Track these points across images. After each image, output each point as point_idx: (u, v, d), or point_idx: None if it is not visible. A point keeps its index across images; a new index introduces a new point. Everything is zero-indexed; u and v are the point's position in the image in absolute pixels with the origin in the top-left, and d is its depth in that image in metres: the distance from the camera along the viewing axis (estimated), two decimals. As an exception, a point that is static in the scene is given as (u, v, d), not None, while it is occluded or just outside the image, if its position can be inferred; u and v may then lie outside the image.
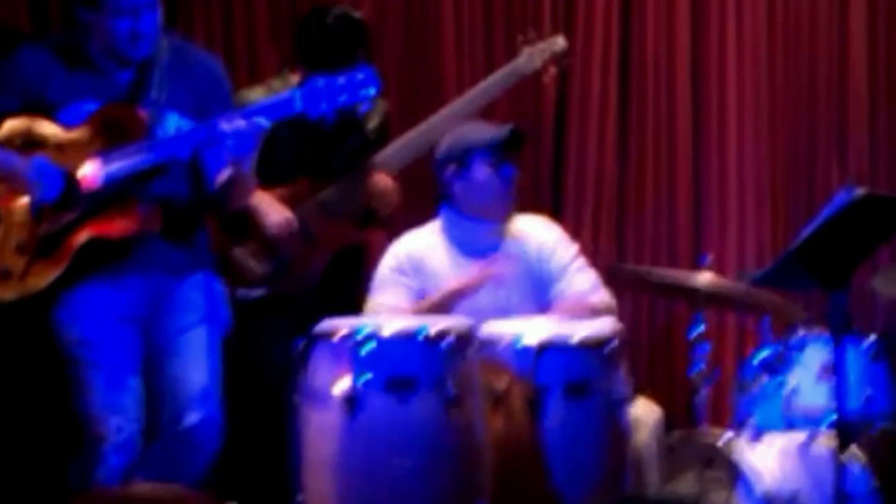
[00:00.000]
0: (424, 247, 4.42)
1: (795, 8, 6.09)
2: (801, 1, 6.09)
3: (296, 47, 4.69)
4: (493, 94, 4.83)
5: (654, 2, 5.90)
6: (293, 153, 4.54)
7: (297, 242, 4.49)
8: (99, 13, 3.74)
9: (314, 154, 4.58)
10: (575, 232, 4.69)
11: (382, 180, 4.59)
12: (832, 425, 4.23)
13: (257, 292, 4.35)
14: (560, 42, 4.85)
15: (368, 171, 4.59)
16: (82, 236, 3.73)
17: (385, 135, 4.77)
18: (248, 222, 4.42)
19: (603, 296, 4.39)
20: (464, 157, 4.40)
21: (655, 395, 4.87)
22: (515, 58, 4.84)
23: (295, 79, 4.59)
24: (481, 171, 4.38)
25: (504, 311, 4.23)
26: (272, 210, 4.44)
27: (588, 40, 5.81)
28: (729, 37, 5.98)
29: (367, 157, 4.63)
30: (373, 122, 4.69)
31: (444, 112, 4.72)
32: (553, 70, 4.89)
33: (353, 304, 4.46)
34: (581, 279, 4.40)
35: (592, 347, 3.84)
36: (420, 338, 3.65)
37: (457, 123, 4.65)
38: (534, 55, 4.80)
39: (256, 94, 4.39)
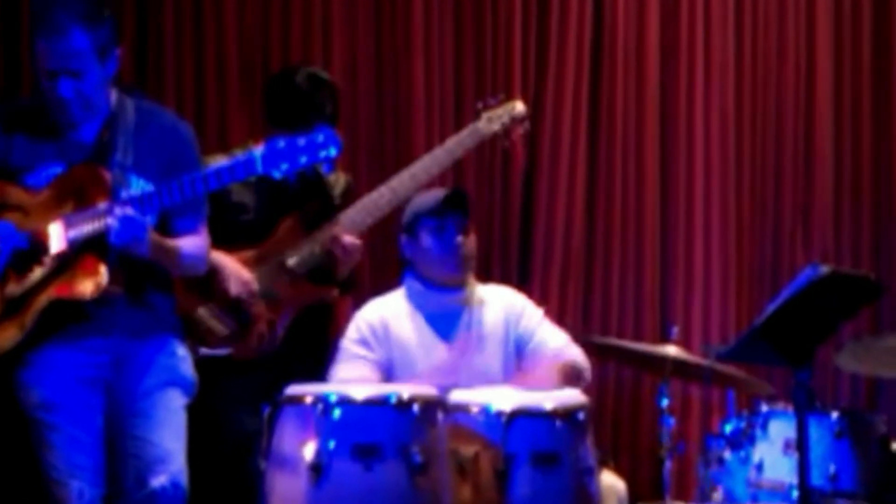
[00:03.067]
0: (389, 314, 4.41)
1: (763, 84, 6.18)
2: (769, 77, 6.18)
3: (264, 106, 4.71)
4: (454, 156, 4.84)
5: (624, 70, 5.97)
6: (257, 216, 4.54)
7: (259, 303, 4.47)
8: (42, 78, 3.75)
9: (277, 216, 4.57)
10: (542, 302, 4.68)
11: (346, 241, 4.59)
12: (795, 501, 4.24)
13: (220, 352, 4.32)
14: (518, 107, 4.88)
15: (332, 232, 4.59)
16: (46, 297, 3.71)
17: (349, 200, 4.78)
18: (212, 282, 4.41)
19: (579, 352, 4.39)
20: (412, 225, 4.45)
21: (619, 467, 4.87)
22: (475, 121, 4.87)
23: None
24: (426, 238, 4.41)
25: (481, 377, 4.23)
26: (233, 271, 4.43)
27: (557, 111, 5.87)
28: (697, 109, 6.05)
29: (329, 218, 4.64)
30: (338, 190, 4.69)
31: (403, 175, 4.73)
32: (513, 135, 4.91)
33: (318, 366, 4.44)
34: (555, 334, 4.41)
35: (562, 417, 3.83)
36: (388, 405, 3.63)
37: (416, 186, 4.68)
38: (493, 119, 4.83)
39: (217, 162, 4.38)
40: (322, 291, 4.61)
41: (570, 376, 4.25)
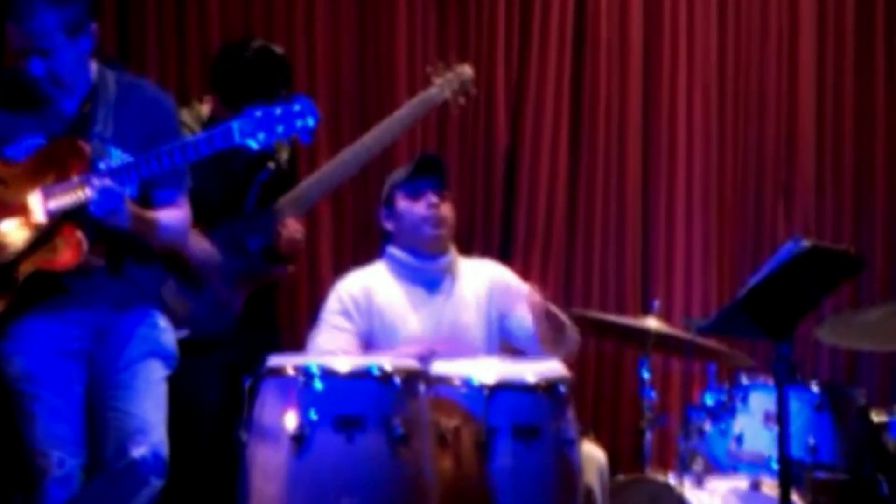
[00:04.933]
0: (371, 283, 4.41)
1: (746, 62, 6.20)
2: (751, 55, 6.19)
3: (212, 80, 4.62)
4: (406, 124, 4.85)
5: (607, 47, 5.97)
6: (205, 190, 4.51)
7: (219, 281, 4.47)
8: (16, 56, 3.75)
9: (226, 190, 4.56)
10: (523, 276, 4.69)
11: (289, 226, 4.59)
12: (775, 472, 4.26)
13: (181, 333, 4.30)
14: (467, 71, 4.88)
15: (278, 218, 4.59)
16: (27, 269, 3.71)
17: (295, 166, 4.77)
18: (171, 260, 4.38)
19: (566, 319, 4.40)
20: (388, 196, 4.47)
21: (600, 439, 4.88)
22: (426, 89, 4.87)
23: (204, 108, 4.58)
24: (402, 204, 4.43)
25: (463, 347, 4.24)
26: (194, 244, 4.40)
27: (540, 86, 5.86)
28: (680, 86, 6.06)
29: (278, 192, 4.63)
30: (284, 154, 4.68)
31: (355, 146, 4.74)
32: (461, 100, 4.91)
33: (272, 341, 4.47)
34: None
35: (543, 389, 3.83)
36: (370, 377, 3.63)
37: (369, 157, 4.70)
38: (444, 86, 4.82)
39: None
40: (278, 268, 4.62)
41: (559, 324, 4.24)
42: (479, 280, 4.46)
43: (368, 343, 4.32)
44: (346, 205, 5.50)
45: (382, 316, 4.36)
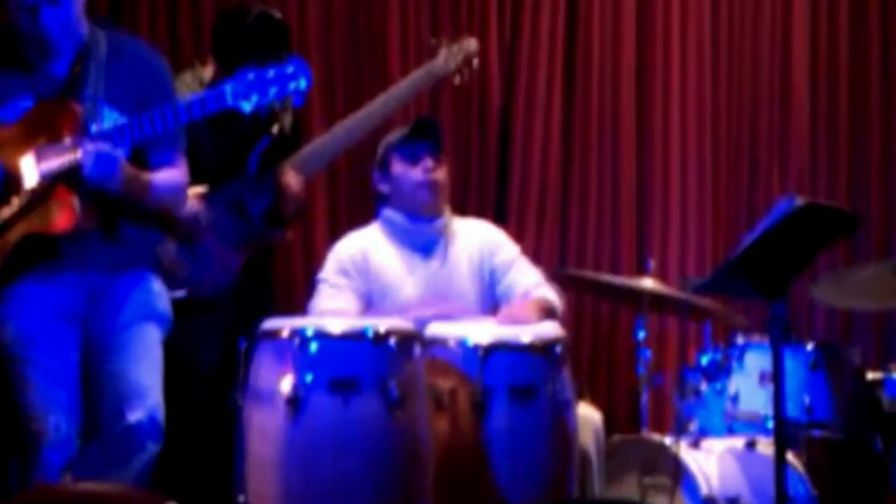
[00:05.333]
0: (367, 244, 4.42)
1: (739, 21, 6.18)
2: (745, 15, 6.17)
3: (212, 47, 4.62)
4: (408, 96, 4.85)
5: (600, 10, 5.94)
6: (210, 153, 4.50)
7: (215, 243, 4.47)
8: (5, 11, 3.73)
9: (230, 154, 4.55)
10: (518, 237, 4.69)
11: (290, 181, 4.58)
12: (771, 431, 4.26)
13: (178, 293, 4.30)
14: (473, 44, 4.88)
15: (277, 173, 4.58)
16: (19, 231, 3.69)
17: (299, 132, 4.76)
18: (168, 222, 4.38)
19: (552, 292, 4.40)
20: (383, 159, 4.47)
21: (596, 399, 4.89)
22: (431, 60, 4.85)
23: (206, 71, 4.57)
24: (398, 167, 4.43)
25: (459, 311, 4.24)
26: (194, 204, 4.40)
27: (533, 48, 5.84)
28: (673, 47, 6.04)
29: (281, 156, 4.62)
30: (287, 119, 4.66)
31: (358, 115, 4.74)
32: (465, 72, 4.91)
33: (269, 303, 4.48)
34: (528, 274, 4.42)
35: (539, 350, 3.84)
36: (365, 338, 3.63)
37: (371, 126, 4.69)
38: (449, 58, 4.81)
39: None
40: (277, 233, 4.61)
41: (544, 311, 4.26)
42: (473, 242, 4.46)
43: (367, 304, 4.32)
44: (340, 167, 5.48)
45: (379, 278, 4.36)
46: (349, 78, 5.51)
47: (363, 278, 4.35)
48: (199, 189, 4.42)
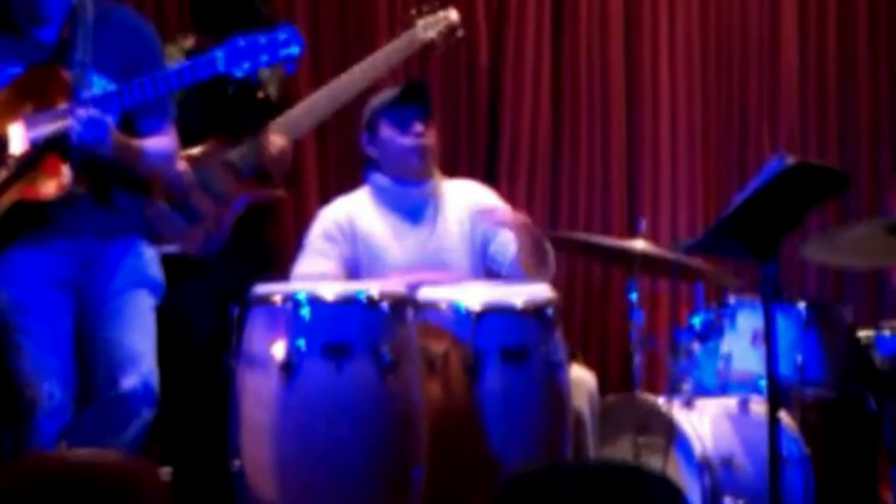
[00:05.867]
0: (355, 211, 4.41)
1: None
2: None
3: (192, 14, 4.66)
4: (391, 61, 4.84)
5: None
6: (199, 117, 4.50)
7: (205, 200, 4.46)
8: None
9: (218, 117, 4.55)
10: (509, 200, 4.68)
11: (275, 142, 4.59)
12: (764, 391, 4.27)
13: (170, 249, 4.31)
14: (453, 15, 4.89)
15: (264, 134, 4.58)
16: (8, 199, 3.67)
17: (287, 98, 4.76)
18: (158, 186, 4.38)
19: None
20: (371, 122, 4.44)
21: (589, 361, 4.90)
22: (411, 28, 4.86)
23: (188, 42, 4.57)
24: (386, 132, 4.40)
25: (449, 271, 4.24)
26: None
27: (521, 9, 5.81)
28: (661, 7, 6.02)
29: (269, 118, 4.62)
30: (272, 88, 4.66)
31: (342, 78, 4.74)
32: (451, 41, 4.91)
33: (265, 266, 4.47)
34: None
35: (531, 312, 3.84)
36: (357, 303, 3.63)
37: (354, 89, 4.69)
38: (428, 27, 4.82)
39: None
40: (268, 189, 4.61)
41: (539, 243, 4.24)
42: (462, 204, 4.44)
43: (354, 270, 4.32)
44: (329, 131, 5.47)
45: (367, 243, 4.35)
46: (336, 46, 5.49)
47: (349, 244, 4.34)
48: (189, 151, 4.42)
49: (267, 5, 4.69)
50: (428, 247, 4.37)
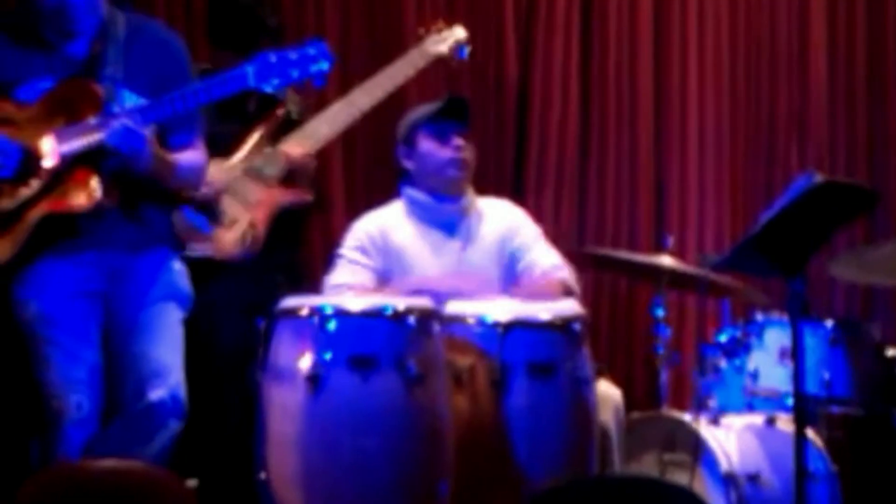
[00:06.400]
0: (387, 223, 4.42)
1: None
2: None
3: (207, 26, 4.76)
4: (405, 74, 4.86)
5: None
6: (216, 131, 4.53)
7: (234, 206, 4.49)
8: None
9: (236, 131, 4.59)
10: (536, 216, 4.69)
11: (297, 150, 4.61)
12: (790, 408, 4.26)
13: (201, 252, 4.34)
14: (460, 32, 4.95)
15: (285, 143, 4.62)
16: (39, 212, 3.70)
17: (307, 115, 4.80)
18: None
19: (570, 274, 4.40)
20: (409, 135, 4.45)
21: (615, 377, 4.89)
22: (421, 44, 4.90)
23: (203, 65, 4.62)
24: (426, 145, 4.42)
25: (481, 286, 4.22)
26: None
27: (549, 23, 5.83)
28: (691, 24, 6.03)
29: (288, 131, 4.65)
30: (292, 105, 4.70)
31: (359, 90, 4.75)
32: (465, 55, 4.97)
33: (296, 277, 4.53)
34: (547, 255, 4.41)
35: (558, 327, 3.84)
36: (384, 316, 3.63)
37: (371, 100, 4.72)
38: (437, 42, 4.89)
39: None
40: (296, 193, 4.62)
41: (561, 291, 4.26)
42: (496, 222, 4.45)
43: (386, 282, 4.32)
44: (357, 146, 5.49)
45: (399, 256, 4.37)
46: (366, 62, 5.50)
47: (381, 256, 4.36)
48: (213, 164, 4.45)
49: (277, 17, 4.75)
50: (460, 261, 4.37)
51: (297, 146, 4.62)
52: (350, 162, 5.52)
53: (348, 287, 4.26)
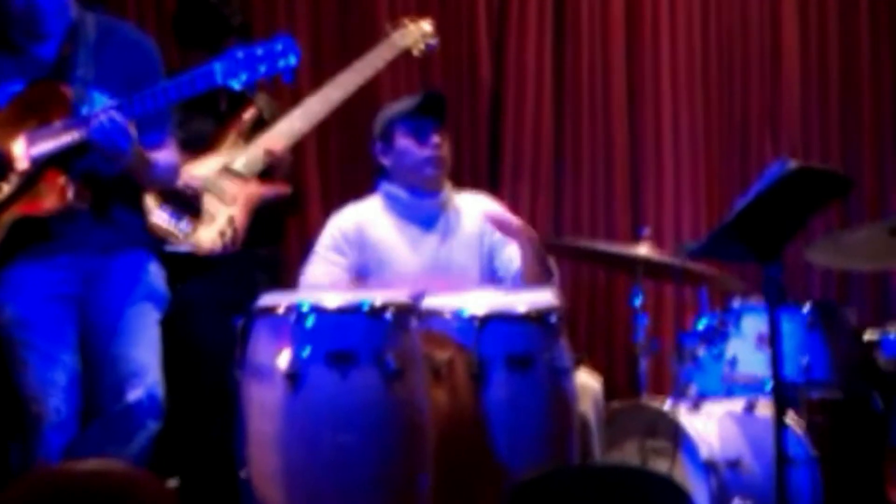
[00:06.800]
0: (364, 218, 4.43)
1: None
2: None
3: (174, 27, 4.77)
4: (375, 66, 4.86)
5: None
6: (192, 128, 4.52)
7: (213, 203, 4.49)
8: None
9: (212, 131, 4.61)
10: (512, 207, 4.70)
11: (272, 145, 4.61)
12: (770, 394, 4.27)
13: (182, 248, 4.33)
14: (427, 26, 4.98)
15: (260, 139, 4.61)
16: (10, 215, 3.70)
17: (276, 113, 4.80)
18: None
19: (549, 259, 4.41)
20: (386, 130, 4.44)
21: (594, 366, 4.89)
22: (388, 37, 4.92)
23: None
24: (402, 142, 4.42)
25: (459, 281, 4.24)
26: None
27: (522, 16, 5.82)
28: (663, 16, 6.05)
29: (263, 128, 4.65)
30: (262, 103, 4.71)
31: (331, 84, 4.76)
32: (426, 48, 4.97)
33: (275, 273, 4.55)
34: None
35: (535, 319, 3.84)
36: (361, 312, 3.63)
37: (343, 93, 4.71)
38: (405, 34, 4.91)
39: None
40: (274, 187, 4.62)
41: (542, 259, 4.26)
42: (473, 217, 4.46)
43: (363, 276, 4.33)
44: (331, 141, 5.49)
45: (376, 251, 4.37)
46: (337, 57, 5.49)
47: (357, 252, 4.36)
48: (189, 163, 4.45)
49: (242, 16, 4.75)
50: (439, 256, 4.38)
51: (275, 141, 4.62)
52: (324, 156, 5.52)
53: (323, 282, 4.26)
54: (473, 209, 4.49)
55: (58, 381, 3.72)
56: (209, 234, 4.42)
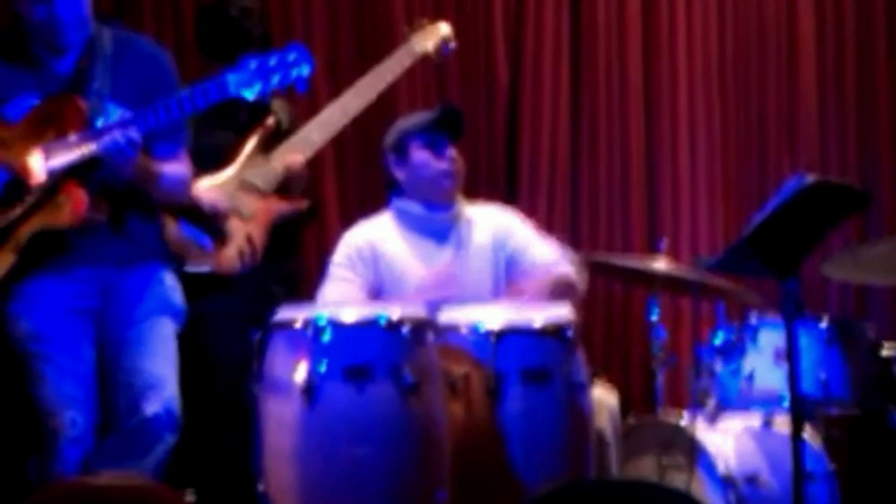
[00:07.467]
0: (376, 236, 4.42)
1: (745, 1, 6.14)
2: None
3: (196, 37, 4.75)
4: (394, 73, 4.86)
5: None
6: (207, 143, 4.53)
7: (232, 220, 4.49)
8: (18, 3, 3.74)
9: (227, 143, 4.59)
10: (529, 220, 4.69)
11: (291, 158, 4.61)
12: (787, 409, 4.26)
13: (202, 268, 4.34)
14: (444, 28, 4.93)
15: (279, 152, 4.61)
16: (29, 229, 3.71)
17: (296, 123, 4.79)
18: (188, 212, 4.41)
19: (570, 266, 4.40)
20: (401, 144, 4.44)
21: (611, 380, 4.89)
22: (406, 43, 4.89)
23: None
24: (418, 155, 4.41)
25: (472, 294, 4.24)
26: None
27: (539, 28, 5.83)
28: (679, 27, 6.04)
29: (281, 140, 4.65)
30: (282, 114, 4.70)
31: (349, 93, 4.76)
32: (449, 48, 4.95)
33: (294, 288, 4.54)
34: (546, 250, 4.43)
35: (551, 333, 3.83)
36: (378, 326, 3.63)
37: (362, 102, 4.71)
38: (423, 39, 4.87)
39: None
40: (291, 202, 4.62)
41: (562, 290, 4.26)
42: (486, 228, 4.46)
43: (378, 293, 4.33)
44: (348, 152, 5.49)
45: (390, 267, 4.37)
46: (354, 66, 5.50)
47: (371, 269, 4.36)
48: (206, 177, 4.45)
49: (264, 27, 4.73)
50: (451, 270, 4.37)
51: (293, 154, 4.62)
52: (342, 166, 5.52)
53: (338, 303, 4.25)
54: (486, 220, 4.49)
55: (74, 395, 3.73)
56: (229, 253, 4.43)
